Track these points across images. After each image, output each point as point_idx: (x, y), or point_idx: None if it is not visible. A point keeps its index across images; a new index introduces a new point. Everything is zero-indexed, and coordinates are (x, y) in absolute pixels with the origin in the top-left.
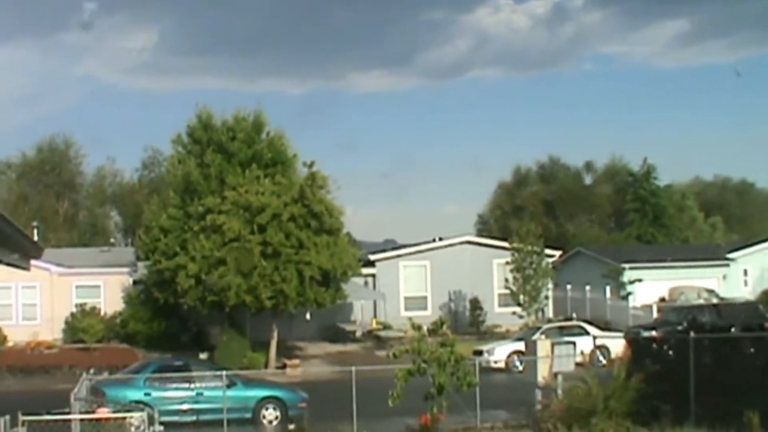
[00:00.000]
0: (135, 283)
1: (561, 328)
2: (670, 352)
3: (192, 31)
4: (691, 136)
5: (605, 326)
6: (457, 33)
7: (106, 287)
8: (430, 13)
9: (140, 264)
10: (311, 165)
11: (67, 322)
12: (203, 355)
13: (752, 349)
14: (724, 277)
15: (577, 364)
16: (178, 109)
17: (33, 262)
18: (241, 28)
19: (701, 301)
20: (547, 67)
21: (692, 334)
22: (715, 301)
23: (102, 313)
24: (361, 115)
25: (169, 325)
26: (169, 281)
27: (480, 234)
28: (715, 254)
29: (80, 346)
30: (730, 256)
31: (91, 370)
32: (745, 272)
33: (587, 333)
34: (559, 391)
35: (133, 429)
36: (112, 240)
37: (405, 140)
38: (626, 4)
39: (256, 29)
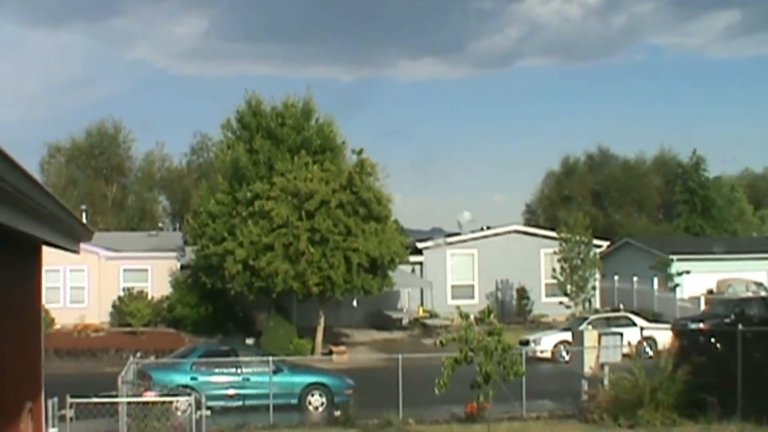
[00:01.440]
0: (182, 267)
1: (608, 318)
2: (718, 345)
3: (242, 17)
4: (742, 128)
5: (652, 318)
6: (508, 22)
7: (154, 271)
8: (481, 1)
9: (188, 249)
10: (360, 152)
11: (114, 306)
12: (250, 341)
13: None
14: None
15: (624, 355)
16: (227, 95)
17: (82, 245)
18: (292, 14)
19: (749, 294)
20: (599, 58)
21: (740, 326)
22: (763, 293)
23: (149, 297)
24: (410, 104)
25: (216, 310)
26: (216, 266)
27: (527, 223)
28: (763, 247)
29: (127, 329)
30: None
31: (138, 354)
32: None
33: (634, 324)
34: (606, 382)
35: (179, 413)
36: (159, 224)
37: (454, 129)
38: None
39: (306, 16)
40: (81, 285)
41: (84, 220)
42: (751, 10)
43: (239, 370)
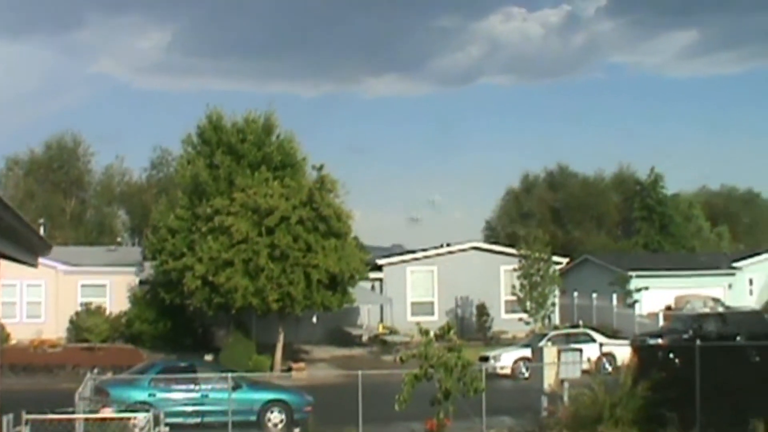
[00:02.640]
0: (141, 283)
1: (567, 335)
2: (677, 360)
3: (206, 32)
4: (699, 145)
5: (612, 334)
6: (470, 40)
7: (112, 287)
8: (443, 19)
9: (147, 264)
10: (321, 168)
11: (71, 321)
12: (208, 357)
13: (757, 358)
14: (730, 286)
15: (584, 371)
16: (188, 110)
17: (39, 259)
18: (255, 30)
19: (707, 310)
20: (559, 76)
21: (698, 342)
22: (720, 309)
23: (107, 312)
24: (372, 120)
25: (175, 326)
26: (175, 282)
27: (487, 240)
28: (721, 263)
29: (85, 345)
30: (735, 265)
31: (95, 370)
32: (751, 281)
33: (594, 340)
34: (566, 398)
35: (137, 430)
36: (119, 239)
37: (416, 145)
38: (637, 14)
39: (270, 32)
40: (38, 300)
41: (42, 234)
42: (709, 30)
43: (198, 387)
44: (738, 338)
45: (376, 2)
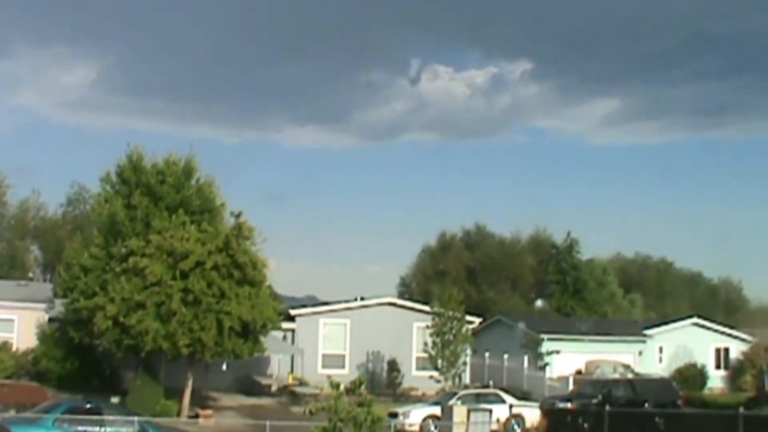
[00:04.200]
0: (51, 320)
1: (478, 395)
2: (585, 425)
3: (131, 70)
4: (616, 212)
5: (522, 395)
6: (395, 96)
7: (21, 322)
8: (369, 74)
9: (58, 301)
10: (239, 215)
11: None
12: (115, 399)
13: (663, 426)
14: (640, 353)
15: None
16: (109, 148)
17: None
18: (181, 73)
19: (617, 376)
20: (481, 136)
21: (607, 407)
22: (630, 376)
23: (14, 348)
24: (293, 169)
25: (83, 365)
26: (85, 321)
27: (401, 296)
28: (632, 330)
29: None
30: (646, 332)
31: None
32: (661, 349)
33: (503, 401)
34: None
35: None
36: (30, 274)
37: (335, 197)
38: (562, 80)
39: (195, 76)
40: None
41: None
42: (631, 99)
43: (103, 429)
44: (646, 405)
45: (302, 52)
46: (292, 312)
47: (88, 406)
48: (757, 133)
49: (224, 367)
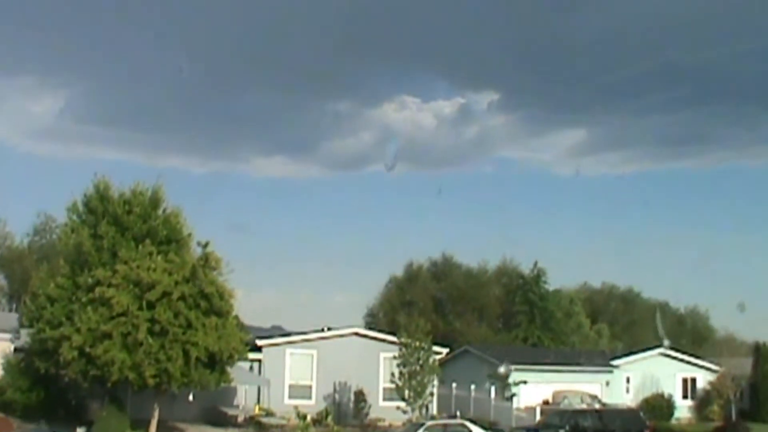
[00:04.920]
0: (16, 350)
1: (445, 425)
2: None
3: (99, 100)
4: (583, 243)
5: (489, 426)
6: (362, 126)
7: None
8: (337, 104)
9: (23, 331)
10: (206, 245)
11: None
12: (81, 430)
13: None
14: (607, 383)
15: None
16: (76, 177)
17: None
18: (149, 103)
19: (584, 406)
20: (449, 166)
21: None
22: (597, 406)
23: None
24: (260, 199)
25: (48, 396)
26: (51, 351)
27: (368, 326)
28: (599, 360)
29: None
30: (613, 362)
31: None
32: (628, 380)
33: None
34: None
35: None
36: None
37: (302, 227)
38: (529, 111)
39: (163, 106)
40: None
41: None
42: (597, 130)
43: None
44: None
45: (269, 82)
46: (259, 342)
47: None
48: (724, 163)
49: (191, 397)
